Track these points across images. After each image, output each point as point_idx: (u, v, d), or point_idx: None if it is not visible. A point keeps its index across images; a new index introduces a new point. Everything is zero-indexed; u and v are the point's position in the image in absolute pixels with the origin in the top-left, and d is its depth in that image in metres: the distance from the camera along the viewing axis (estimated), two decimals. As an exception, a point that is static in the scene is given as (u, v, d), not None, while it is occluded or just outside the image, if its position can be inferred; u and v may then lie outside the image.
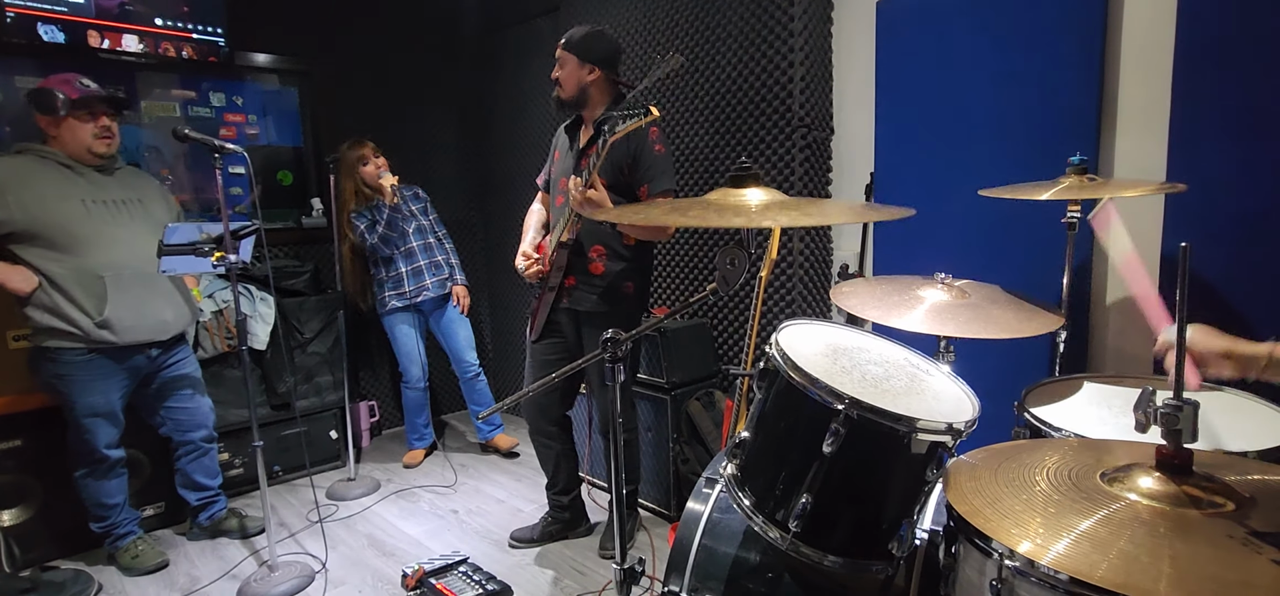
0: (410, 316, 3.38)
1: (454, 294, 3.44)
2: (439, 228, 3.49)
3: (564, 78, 2.30)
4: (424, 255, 3.35)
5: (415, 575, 2.30)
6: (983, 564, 0.97)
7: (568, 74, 2.28)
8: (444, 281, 3.40)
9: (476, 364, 3.52)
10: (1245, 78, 1.75)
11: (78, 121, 2.36)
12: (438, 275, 3.38)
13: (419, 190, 3.48)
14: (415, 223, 3.35)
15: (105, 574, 2.59)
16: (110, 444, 2.50)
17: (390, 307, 3.32)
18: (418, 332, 3.43)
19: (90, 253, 2.36)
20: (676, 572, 1.44)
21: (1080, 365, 2.11)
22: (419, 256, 3.33)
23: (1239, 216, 1.79)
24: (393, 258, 3.28)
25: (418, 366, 3.43)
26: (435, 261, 3.38)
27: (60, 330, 2.33)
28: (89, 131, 2.37)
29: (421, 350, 3.44)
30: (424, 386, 3.50)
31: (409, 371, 3.44)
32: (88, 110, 2.36)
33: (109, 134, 2.42)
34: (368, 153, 3.23)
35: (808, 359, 1.27)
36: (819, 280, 2.73)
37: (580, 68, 2.28)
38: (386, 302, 3.32)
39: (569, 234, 2.29)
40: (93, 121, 2.38)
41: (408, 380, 3.46)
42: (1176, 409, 0.88)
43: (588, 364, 1.37)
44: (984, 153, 2.22)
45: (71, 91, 2.33)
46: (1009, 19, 2.12)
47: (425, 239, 3.38)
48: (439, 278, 3.38)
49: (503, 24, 3.98)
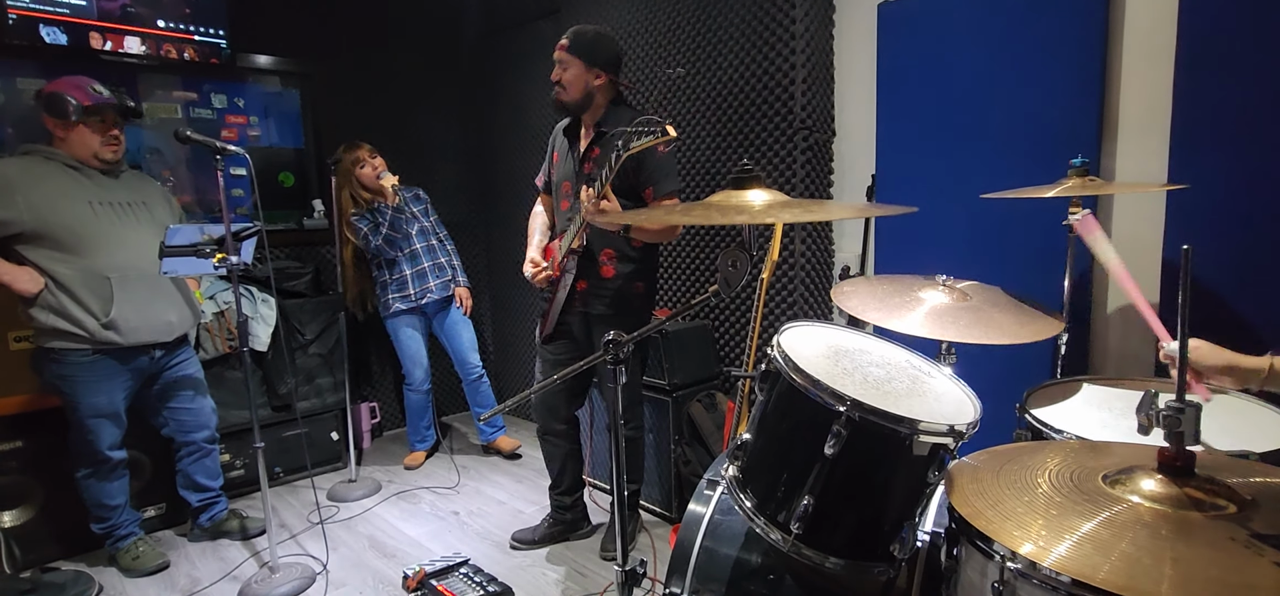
0: (414, 319, 3.38)
1: (457, 296, 3.43)
2: (440, 228, 3.48)
3: (569, 80, 2.27)
4: (427, 257, 3.34)
5: (416, 577, 2.30)
6: (984, 566, 0.97)
7: (573, 76, 2.26)
8: (447, 283, 3.39)
9: (479, 366, 3.51)
10: (1246, 81, 1.75)
11: (88, 129, 2.37)
12: (441, 277, 3.37)
13: (419, 191, 3.47)
14: (418, 224, 3.34)
15: (106, 575, 2.59)
16: (113, 445, 2.50)
17: (394, 310, 3.31)
18: (421, 335, 3.42)
19: (96, 254, 2.36)
20: (678, 574, 1.45)
21: (1082, 367, 2.11)
22: (422, 258, 3.32)
23: (1240, 219, 1.79)
24: (396, 260, 3.27)
25: (421, 369, 3.42)
26: (438, 263, 3.37)
27: (65, 331, 2.33)
28: (98, 139, 2.39)
29: (424, 353, 3.44)
30: (427, 389, 3.49)
31: (412, 374, 3.43)
32: (99, 118, 2.38)
33: (117, 142, 2.44)
34: (364, 154, 3.21)
35: (809, 361, 1.28)
36: (820, 282, 2.73)
37: (587, 71, 2.26)
38: (390, 305, 3.30)
39: (578, 241, 2.30)
40: (103, 130, 2.39)
41: (410, 383, 3.46)
42: (1179, 411, 0.88)
43: (591, 365, 1.38)
44: (985, 155, 2.22)
45: (84, 97, 2.34)
46: (1011, 22, 2.13)
47: (428, 240, 3.36)
48: (442, 279, 3.37)
49: (503, 26, 3.99)
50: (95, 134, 2.38)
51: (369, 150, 3.23)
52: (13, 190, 2.26)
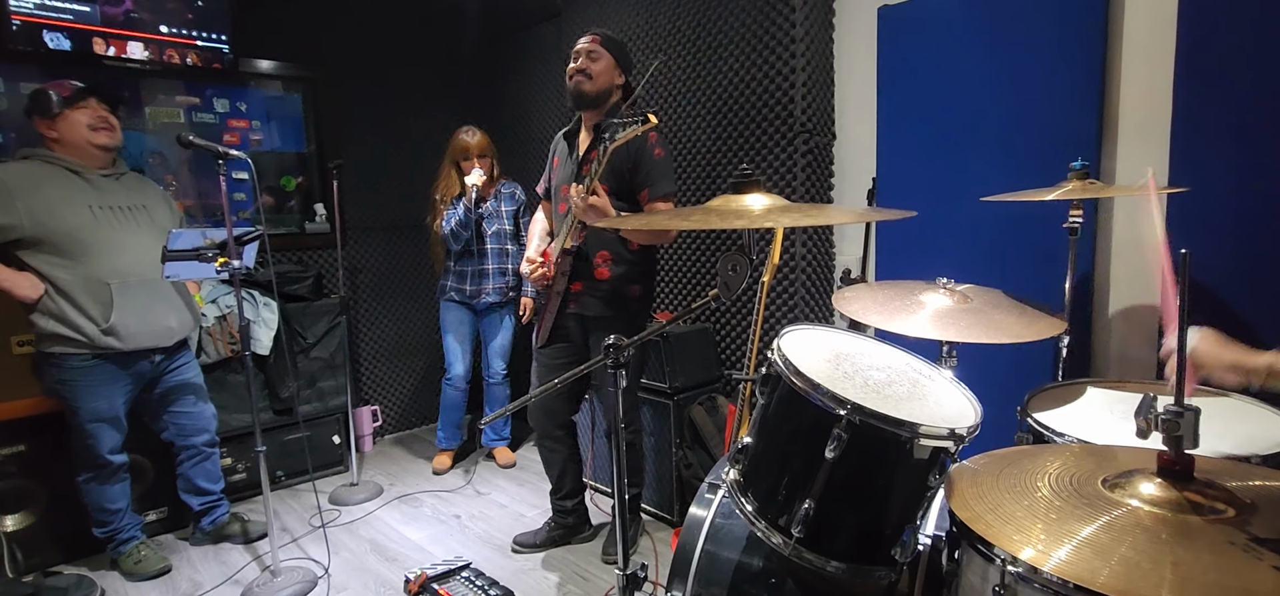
0: (463, 313, 3.36)
1: (523, 306, 3.34)
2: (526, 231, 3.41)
3: (598, 71, 2.28)
4: (495, 259, 3.28)
5: (418, 580, 2.30)
6: (985, 570, 0.97)
7: (602, 69, 2.28)
8: (506, 290, 3.33)
9: (502, 372, 3.46)
10: (1246, 84, 1.75)
11: (72, 112, 2.36)
12: (501, 282, 3.30)
13: (518, 189, 3.39)
14: (497, 224, 3.27)
15: (108, 579, 2.59)
16: (113, 449, 2.50)
17: (447, 295, 3.33)
18: (468, 331, 3.39)
19: (97, 259, 2.37)
20: (679, 578, 1.45)
21: (1083, 370, 2.11)
22: (489, 259, 3.26)
23: (1240, 221, 1.79)
24: (465, 252, 3.25)
25: (461, 364, 3.39)
26: (504, 268, 3.31)
27: (65, 336, 2.34)
28: (84, 120, 2.37)
29: (467, 350, 3.40)
30: (465, 387, 3.44)
31: (452, 367, 3.40)
32: (83, 102, 2.37)
33: (107, 125, 2.42)
34: (474, 148, 3.20)
35: (810, 364, 1.28)
36: (821, 285, 2.73)
37: (614, 70, 2.30)
38: (445, 289, 3.33)
39: (573, 241, 2.30)
40: (90, 113, 2.38)
41: (450, 376, 3.43)
42: (1177, 415, 0.88)
43: (591, 368, 1.38)
44: (986, 158, 2.22)
45: (63, 89, 2.36)
46: (1010, 25, 2.13)
47: (502, 243, 3.29)
48: (502, 284, 3.31)
49: (505, 30, 4.00)
50: (82, 118, 2.37)
51: (480, 147, 3.21)
52: (12, 195, 2.26)
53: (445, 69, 4.21)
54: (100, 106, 2.41)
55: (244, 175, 3.43)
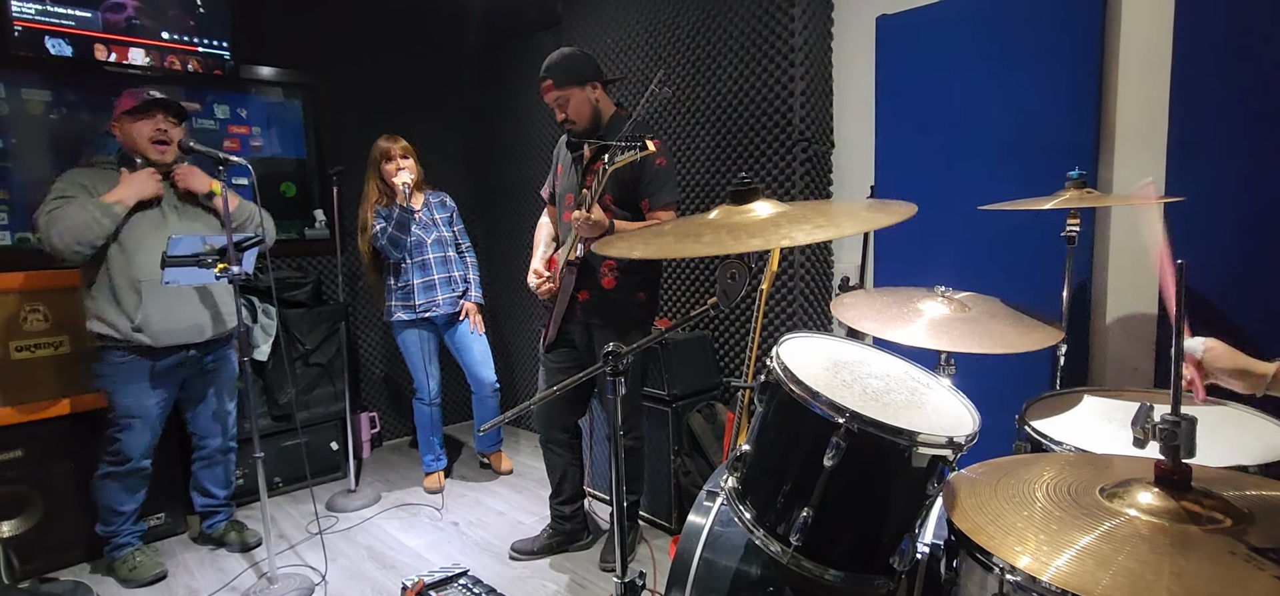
0: (421, 330, 3.22)
1: (463, 309, 3.27)
2: (464, 239, 3.33)
3: (574, 110, 2.30)
4: (440, 268, 3.17)
5: (415, 588, 2.28)
6: (984, 579, 0.97)
7: (577, 104, 2.29)
8: (457, 299, 3.23)
9: (492, 382, 3.33)
10: (1243, 92, 1.76)
11: (131, 121, 2.43)
12: (451, 292, 3.20)
13: (446, 198, 3.31)
14: (436, 233, 3.18)
15: (104, 584, 2.58)
16: (141, 452, 2.53)
17: (396, 318, 3.17)
18: (429, 347, 3.25)
19: (136, 256, 2.41)
20: (677, 586, 1.44)
21: (1081, 378, 2.11)
22: (434, 269, 3.15)
23: (1237, 231, 1.79)
24: (405, 267, 3.11)
25: (431, 381, 3.27)
26: (451, 276, 3.21)
27: (103, 333, 2.41)
28: (147, 131, 2.43)
29: (435, 365, 3.29)
30: (436, 403, 3.32)
31: (421, 385, 3.28)
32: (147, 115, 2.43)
33: (165, 138, 2.46)
34: (395, 151, 3.06)
35: (808, 372, 1.28)
36: (820, 293, 2.74)
37: (583, 90, 2.29)
38: (392, 312, 3.16)
39: (576, 253, 2.31)
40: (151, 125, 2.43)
41: (419, 394, 3.31)
42: (1174, 424, 0.88)
43: (591, 376, 1.38)
44: (983, 166, 2.23)
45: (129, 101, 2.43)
46: (1008, 34, 2.14)
47: (444, 251, 3.20)
48: (452, 294, 3.20)
49: (505, 38, 4.01)
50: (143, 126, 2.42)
51: (403, 149, 3.09)
52: (92, 192, 2.36)
53: (446, 76, 4.22)
54: (164, 121, 2.46)
55: (244, 181, 3.43)
